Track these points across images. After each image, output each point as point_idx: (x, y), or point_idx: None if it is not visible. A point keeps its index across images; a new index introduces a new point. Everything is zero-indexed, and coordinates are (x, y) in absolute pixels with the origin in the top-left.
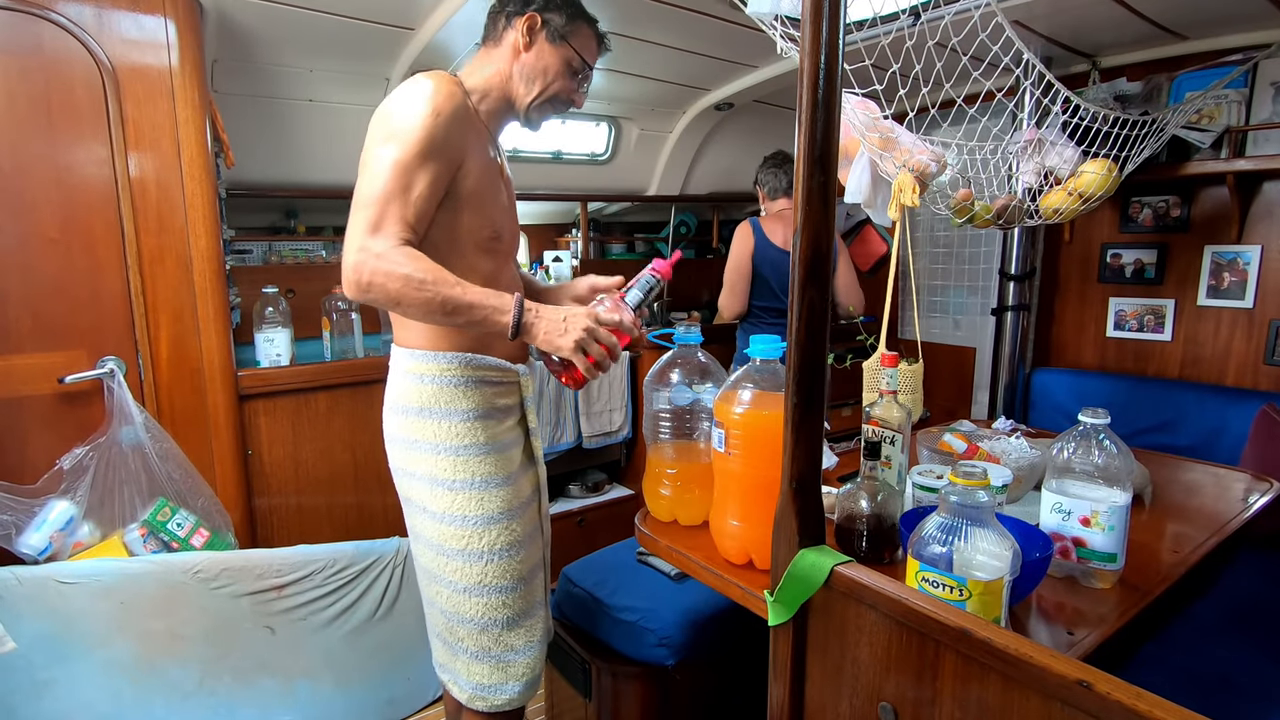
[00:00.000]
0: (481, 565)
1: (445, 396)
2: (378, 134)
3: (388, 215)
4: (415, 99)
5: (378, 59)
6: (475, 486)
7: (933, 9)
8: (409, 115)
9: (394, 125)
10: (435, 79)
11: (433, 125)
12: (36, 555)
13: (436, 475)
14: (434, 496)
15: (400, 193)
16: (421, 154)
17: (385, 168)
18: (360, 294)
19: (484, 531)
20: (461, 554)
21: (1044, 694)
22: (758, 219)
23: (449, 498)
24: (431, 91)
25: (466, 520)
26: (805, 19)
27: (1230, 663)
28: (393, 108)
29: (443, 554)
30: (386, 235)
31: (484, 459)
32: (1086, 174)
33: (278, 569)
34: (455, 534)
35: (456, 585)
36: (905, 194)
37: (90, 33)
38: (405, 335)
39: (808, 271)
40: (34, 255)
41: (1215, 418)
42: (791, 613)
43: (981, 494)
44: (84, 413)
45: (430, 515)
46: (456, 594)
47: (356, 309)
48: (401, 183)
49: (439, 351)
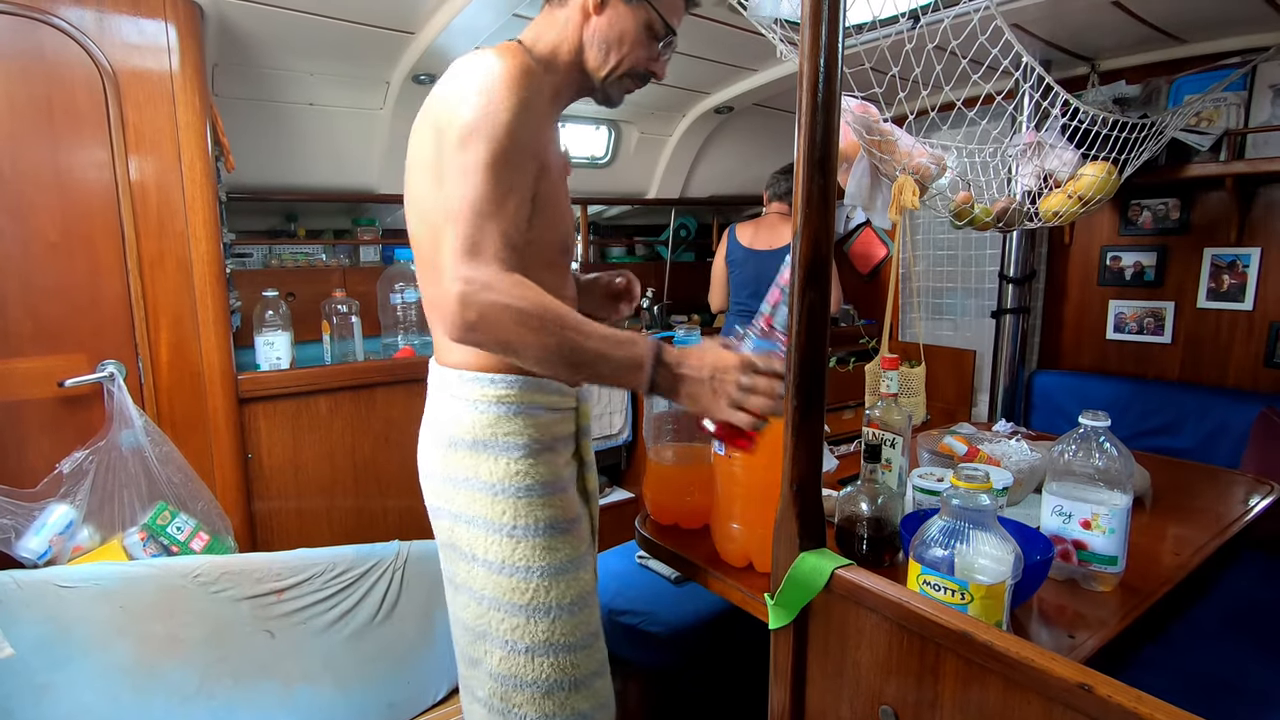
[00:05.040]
0: (549, 621)
1: (506, 427)
2: (452, 129)
3: (487, 233)
4: (496, 84)
5: (378, 63)
6: (541, 532)
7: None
8: (493, 106)
9: (474, 119)
10: (509, 56)
11: (522, 118)
12: (36, 559)
13: (494, 519)
14: (490, 544)
15: (498, 204)
16: (513, 154)
17: (475, 173)
18: (465, 334)
19: (552, 583)
20: (524, 609)
21: (1045, 697)
22: (736, 223)
23: (509, 545)
24: (514, 75)
25: (531, 571)
26: (805, 22)
27: (1231, 665)
28: (468, 95)
29: (498, 609)
30: (491, 259)
31: (549, 500)
32: (1085, 177)
33: (278, 573)
34: (517, 587)
35: (516, 645)
36: (905, 196)
37: (91, 37)
38: (452, 352)
39: (807, 273)
40: (34, 259)
41: (1215, 420)
42: (792, 616)
43: (983, 497)
44: (84, 416)
45: (484, 565)
46: (515, 655)
47: (356, 312)
48: (497, 191)
49: (497, 373)
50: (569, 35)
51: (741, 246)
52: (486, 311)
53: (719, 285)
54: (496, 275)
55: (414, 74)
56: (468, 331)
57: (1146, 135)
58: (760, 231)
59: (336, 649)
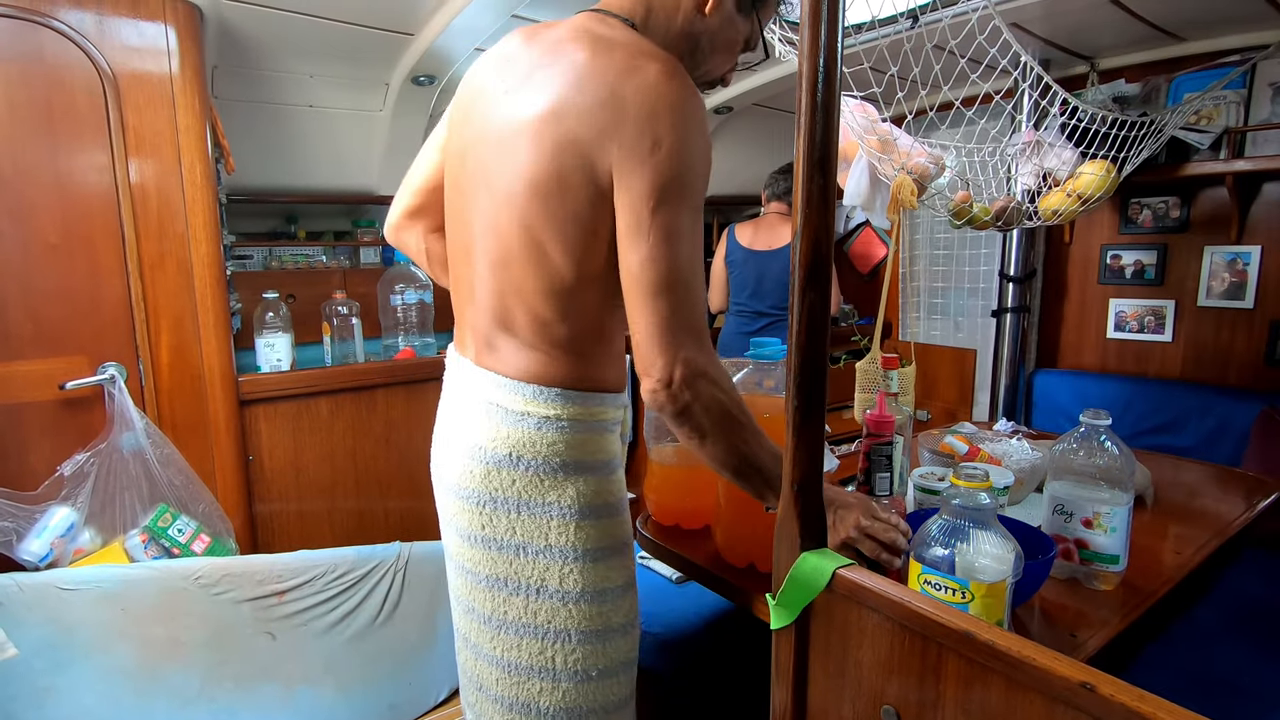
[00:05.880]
0: (622, 639)
1: (595, 444)
2: (643, 173)
3: (698, 308)
4: (694, 128)
5: (377, 64)
6: (617, 552)
7: (930, 12)
8: (694, 157)
9: (679, 171)
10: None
11: (709, 167)
12: (37, 562)
13: (577, 545)
14: (567, 572)
15: (700, 273)
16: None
17: (685, 239)
18: (673, 416)
19: (621, 602)
20: (600, 634)
21: (1047, 696)
22: (735, 223)
23: (591, 571)
24: (704, 111)
25: (608, 594)
26: (804, 22)
27: (1233, 664)
28: (662, 137)
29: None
30: (705, 339)
31: (624, 517)
32: (1085, 175)
33: (279, 574)
34: (597, 613)
35: (588, 673)
36: (904, 196)
37: (91, 40)
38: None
39: (808, 274)
40: (35, 261)
41: (1216, 419)
42: (793, 616)
43: (984, 496)
44: (85, 419)
45: (556, 596)
46: (587, 683)
47: (356, 314)
48: (698, 255)
49: (584, 391)
50: (679, 24)
51: (741, 247)
52: (701, 403)
53: (718, 286)
54: (714, 362)
55: (413, 75)
56: (675, 416)
57: (1146, 133)
58: (760, 232)
59: (338, 651)
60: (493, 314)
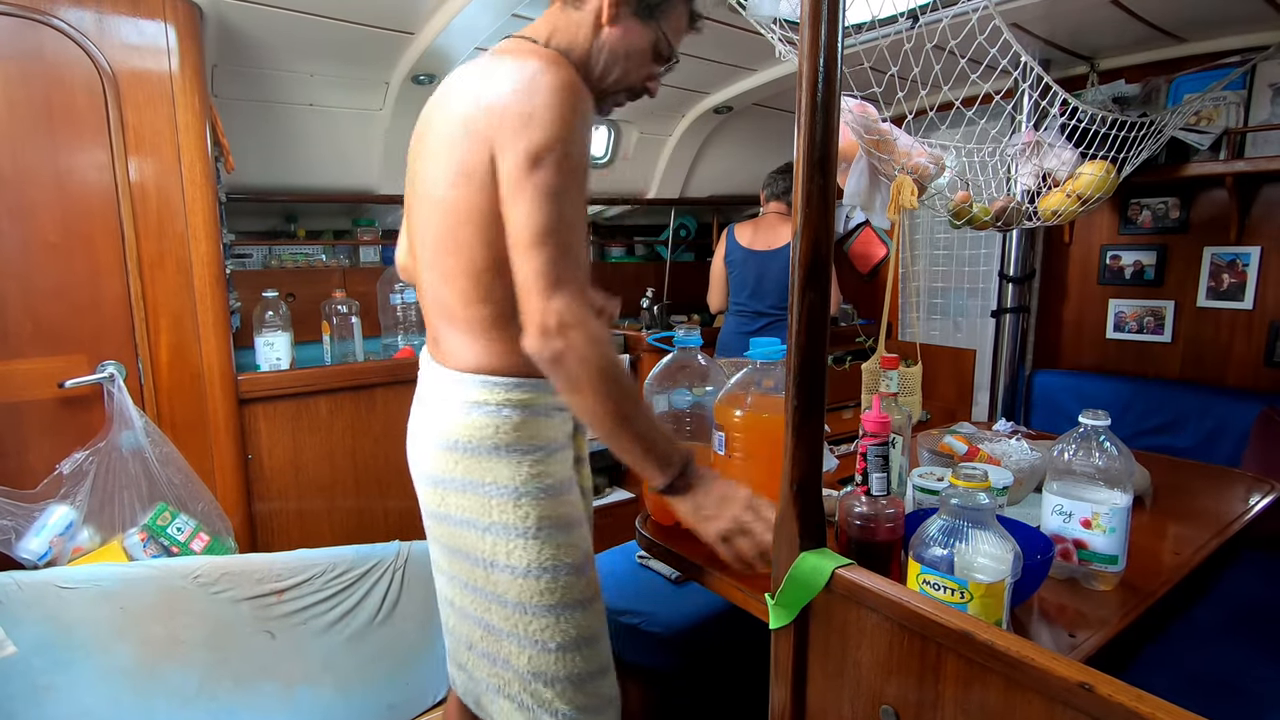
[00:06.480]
0: (579, 616)
1: (528, 430)
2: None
3: (571, 263)
4: (565, 102)
5: (378, 64)
6: (562, 530)
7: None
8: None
9: (548, 139)
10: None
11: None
12: (36, 560)
13: (517, 523)
14: (514, 548)
15: (577, 230)
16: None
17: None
18: (550, 365)
19: (576, 579)
20: (554, 609)
21: (1046, 696)
22: (735, 223)
23: (534, 547)
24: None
25: (559, 570)
26: (804, 22)
27: (1232, 664)
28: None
29: (526, 612)
30: (578, 292)
31: (566, 498)
32: (1084, 176)
33: (278, 573)
34: (546, 588)
35: (547, 645)
36: (904, 196)
37: (91, 38)
38: (465, 355)
39: (807, 274)
40: (34, 260)
41: (1216, 419)
42: (792, 616)
43: (982, 496)
44: (84, 417)
45: (507, 570)
46: (546, 654)
47: (356, 313)
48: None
49: (517, 377)
50: (580, 40)
51: (740, 247)
52: (576, 353)
53: (718, 285)
54: (586, 314)
55: (413, 74)
56: (550, 363)
57: (1146, 134)
58: (759, 232)
59: (337, 650)
60: (435, 310)
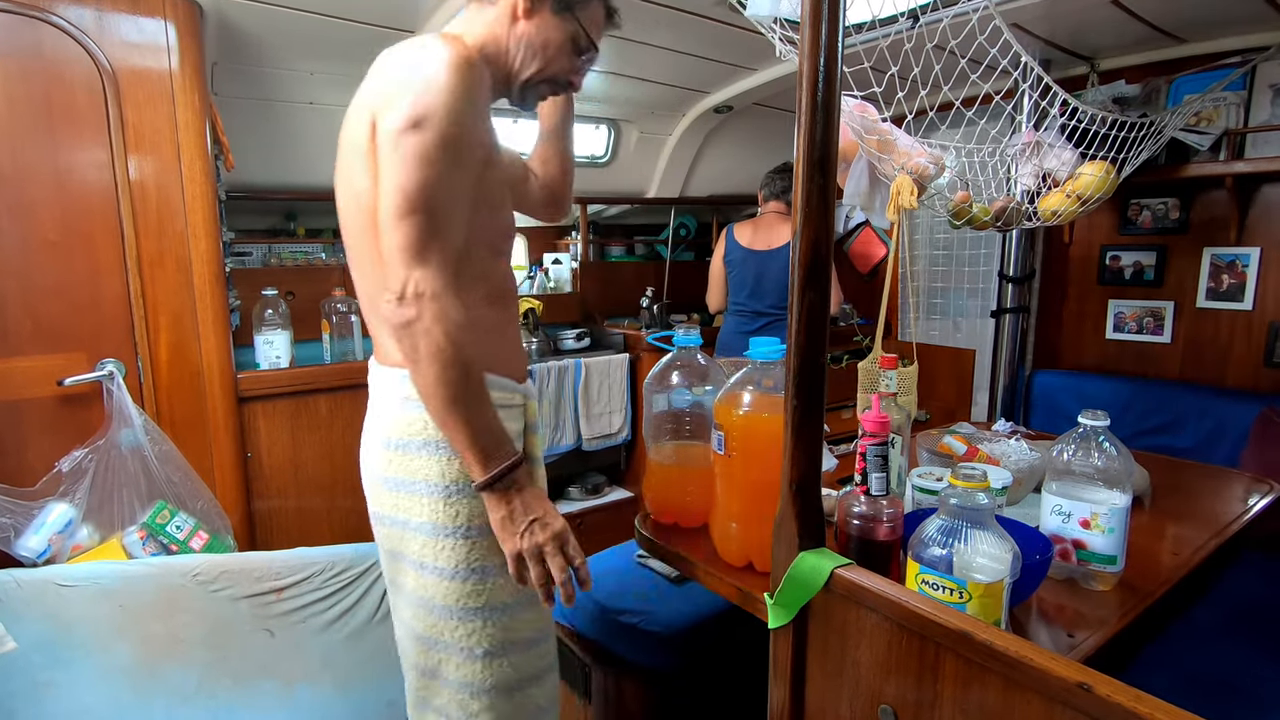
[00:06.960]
0: (506, 620)
1: None
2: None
3: (433, 232)
4: (441, 71)
5: None
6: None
7: (931, 12)
8: (442, 93)
9: (422, 105)
10: (452, 43)
11: (469, 104)
12: (35, 558)
13: (446, 523)
14: (441, 549)
15: (443, 198)
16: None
17: (423, 163)
18: (395, 329)
19: (505, 581)
20: (480, 611)
21: (1045, 696)
22: (734, 223)
23: (463, 547)
24: (460, 61)
25: (486, 572)
26: (804, 22)
27: (1231, 665)
28: (412, 81)
29: (452, 615)
30: (438, 264)
31: None
32: (1084, 176)
33: (277, 571)
34: (472, 590)
35: (473, 651)
36: (903, 196)
37: (91, 36)
38: (394, 348)
39: (807, 274)
40: (34, 258)
41: (1215, 420)
42: (791, 615)
43: (981, 496)
44: (83, 415)
45: (434, 572)
46: (472, 661)
47: (355, 311)
48: (443, 183)
49: None
50: (496, 35)
51: (740, 246)
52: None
53: (717, 285)
54: (443, 291)
55: None
56: (399, 330)
57: (1146, 135)
58: (759, 231)
59: (336, 648)
60: (365, 306)
